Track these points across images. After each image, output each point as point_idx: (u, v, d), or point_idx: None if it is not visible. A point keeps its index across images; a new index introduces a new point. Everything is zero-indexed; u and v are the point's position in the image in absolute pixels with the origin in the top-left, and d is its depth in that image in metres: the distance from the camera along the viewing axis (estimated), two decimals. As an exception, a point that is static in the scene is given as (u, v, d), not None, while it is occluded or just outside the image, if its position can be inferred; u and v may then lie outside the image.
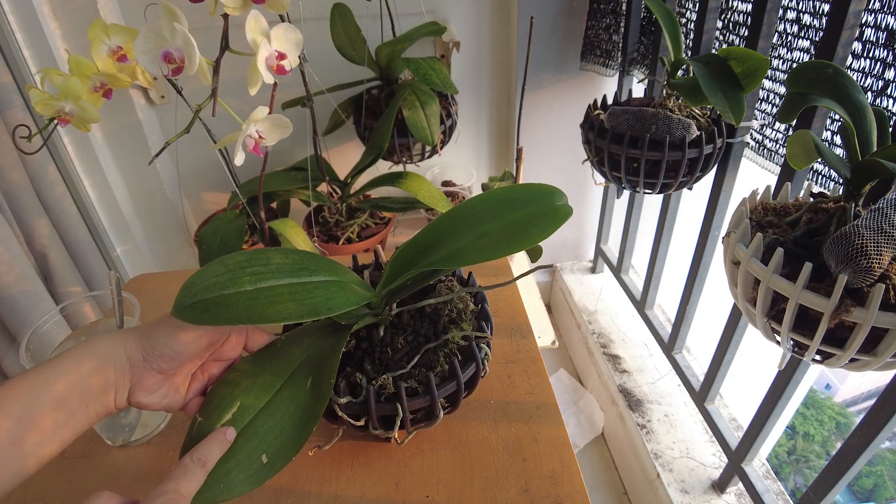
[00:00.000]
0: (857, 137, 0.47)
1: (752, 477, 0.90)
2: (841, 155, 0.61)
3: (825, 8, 0.64)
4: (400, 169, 1.14)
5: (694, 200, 1.07)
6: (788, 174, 0.72)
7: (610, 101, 0.94)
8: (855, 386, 11.14)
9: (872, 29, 0.59)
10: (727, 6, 0.82)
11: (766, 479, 0.91)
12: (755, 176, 0.84)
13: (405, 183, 1.03)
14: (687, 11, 0.95)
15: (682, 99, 0.84)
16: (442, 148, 1.16)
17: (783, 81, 0.72)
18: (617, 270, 1.42)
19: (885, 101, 0.59)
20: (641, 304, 1.29)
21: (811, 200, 0.53)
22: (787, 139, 0.75)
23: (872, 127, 0.47)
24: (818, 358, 0.49)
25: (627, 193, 1.32)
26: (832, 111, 0.55)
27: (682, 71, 0.86)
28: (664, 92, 0.86)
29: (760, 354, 1.34)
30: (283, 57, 0.47)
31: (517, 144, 1.19)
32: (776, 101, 0.76)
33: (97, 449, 0.57)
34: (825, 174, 0.67)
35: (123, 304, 0.58)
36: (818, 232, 0.49)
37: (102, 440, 0.58)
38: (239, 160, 0.49)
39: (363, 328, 0.51)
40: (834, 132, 0.67)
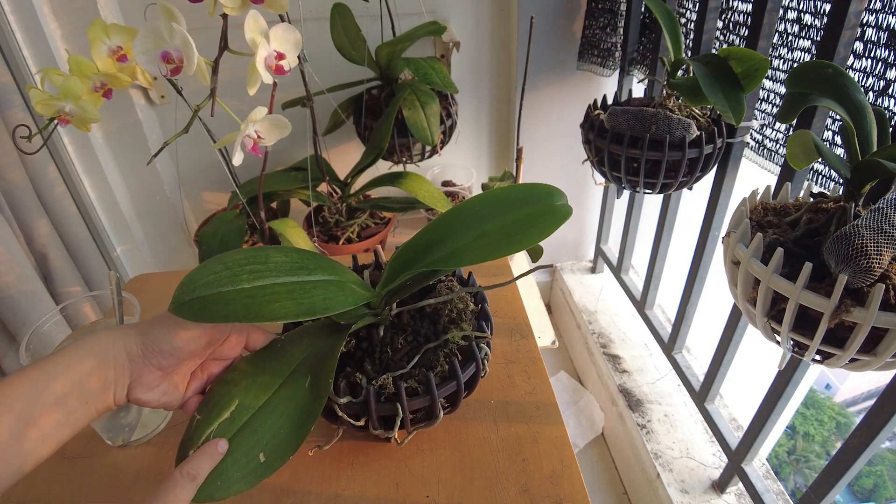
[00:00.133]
0: (857, 137, 0.47)
1: (752, 477, 0.90)
2: (841, 155, 0.61)
3: (826, 8, 0.64)
4: (400, 169, 1.14)
5: (694, 200, 1.07)
6: (788, 174, 0.72)
7: (610, 101, 0.94)
8: (855, 386, 11.13)
9: (874, 29, 0.59)
10: (727, 6, 0.82)
11: (766, 479, 0.91)
12: (755, 176, 0.84)
13: (405, 183, 1.03)
14: (687, 11, 0.95)
15: (682, 99, 0.84)
16: (442, 148, 1.16)
17: (783, 81, 0.72)
18: (617, 270, 1.42)
19: (886, 101, 0.59)
20: (641, 304, 1.29)
21: (811, 200, 0.53)
22: (787, 139, 0.75)
23: (872, 127, 0.47)
24: (818, 358, 0.49)
25: (627, 193, 1.32)
26: (832, 111, 0.55)
27: (682, 71, 0.86)
28: (664, 92, 0.86)
29: (760, 354, 1.34)
30: (281, 57, 0.47)
31: (517, 144, 1.19)
32: (776, 101, 0.76)
33: (97, 449, 0.57)
34: (825, 174, 0.67)
35: (123, 304, 0.58)
36: (818, 232, 0.49)
37: (102, 440, 0.58)
38: (237, 160, 0.49)
39: (363, 328, 0.51)
40: (834, 132, 0.67)
